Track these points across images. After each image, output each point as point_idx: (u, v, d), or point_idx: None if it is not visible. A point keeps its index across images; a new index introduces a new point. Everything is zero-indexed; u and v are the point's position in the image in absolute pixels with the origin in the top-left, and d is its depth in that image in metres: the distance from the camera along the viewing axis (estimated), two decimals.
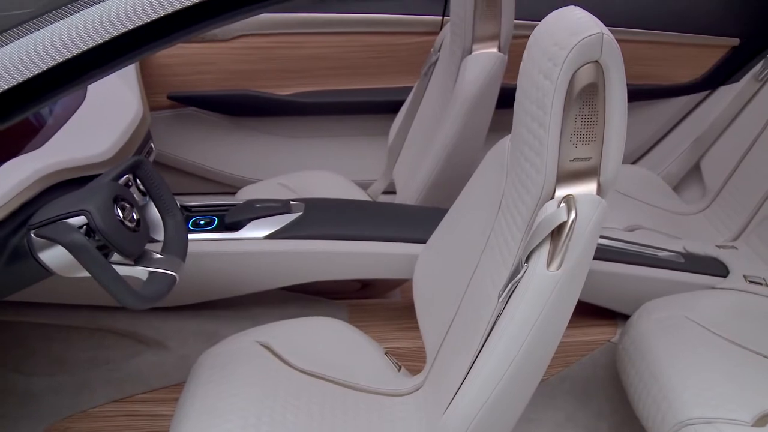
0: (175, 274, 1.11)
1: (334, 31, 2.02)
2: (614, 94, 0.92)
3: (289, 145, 2.19)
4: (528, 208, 1.00)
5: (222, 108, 2.09)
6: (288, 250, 1.41)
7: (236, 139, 2.16)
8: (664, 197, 2.03)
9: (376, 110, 2.13)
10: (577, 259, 0.93)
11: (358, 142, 2.20)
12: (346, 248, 1.42)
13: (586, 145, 0.95)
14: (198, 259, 1.39)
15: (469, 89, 1.56)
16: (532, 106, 0.97)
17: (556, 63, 0.91)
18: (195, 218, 1.47)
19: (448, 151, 1.62)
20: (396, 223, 1.48)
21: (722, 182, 1.93)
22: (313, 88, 2.10)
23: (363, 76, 2.09)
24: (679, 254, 1.57)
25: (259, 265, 1.42)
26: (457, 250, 1.26)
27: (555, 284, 0.93)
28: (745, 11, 2.05)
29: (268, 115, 2.13)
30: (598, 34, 0.90)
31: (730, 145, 1.95)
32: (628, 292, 1.50)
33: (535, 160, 0.98)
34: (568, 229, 0.92)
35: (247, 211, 1.46)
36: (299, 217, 1.45)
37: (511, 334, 0.95)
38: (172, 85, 2.03)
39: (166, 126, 2.09)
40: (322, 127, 2.18)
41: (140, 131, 1.43)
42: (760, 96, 1.91)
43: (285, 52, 2.03)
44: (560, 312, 0.96)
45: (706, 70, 2.11)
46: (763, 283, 1.53)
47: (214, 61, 2.01)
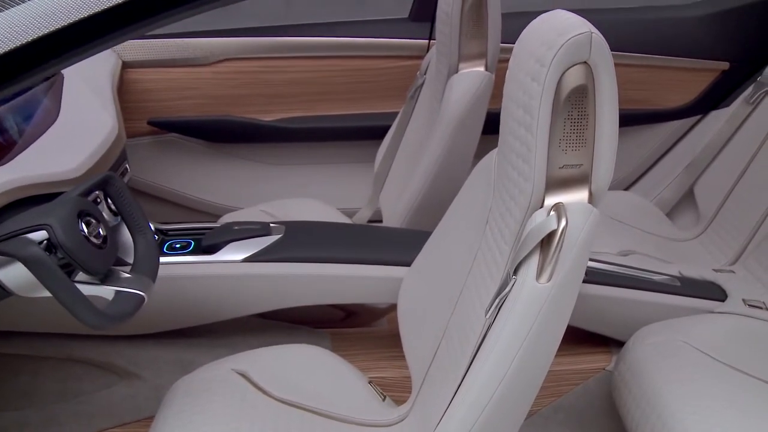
0: (144, 294, 1.05)
1: (319, 55, 1.99)
2: (604, 97, 0.88)
3: (273, 173, 2.14)
4: (516, 220, 0.95)
5: (203, 134, 2.04)
6: (267, 273, 1.35)
7: (218, 166, 2.11)
8: (658, 223, 1.99)
9: (361, 136, 2.09)
10: (568, 271, 0.87)
11: (343, 169, 2.15)
12: (328, 271, 1.36)
13: (576, 150, 0.90)
14: (173, 283, 1.33)
15: (455, 108, 1.52)
16: (518, 110, 0.93)
17: (543, 64, 0.87)
18: (170, 242, 1.41)
19: (435, 172, 1.57)
20: (379, 246, 1.43)
21: (716, 207, 1.89)
22: (297, 113, 2.06)
23: (348, 102, 2.05)
24: (675, 278, 1.52)
25: (237, 289, 1.35)
26: (443, 271, 1.20)
27: (545, 297, 0.87)
28: (734, 35, 2.03)
29: (250, 142, 2.08)
30: (587, 33, 0.85)
31: (724, 170, 1.92)
32: (622, 317, 1.44)
33: (522, 168, 0.93)
34: (559, 238, 0.86)
35: (225, 233, 1.40)
36: (279, 239, 1.40)
37: (500, 352, 0.89)
38: (152, 111, 1.98)
39: (146, 152, 2.04)
40: (306, 154, 2.13)
41: (114, 150, 1.38)
42: (752, 119, 1.88)
43: (268, 76, 1.99)
44: (551, 328, 0.90)
45: (696, 94, 2.09)
46: (763, 306, 1.47)
47: (195, 85, 1.96)
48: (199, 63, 1.94)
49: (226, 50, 1.94)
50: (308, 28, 2.00)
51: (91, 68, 1.67)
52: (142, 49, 1.90)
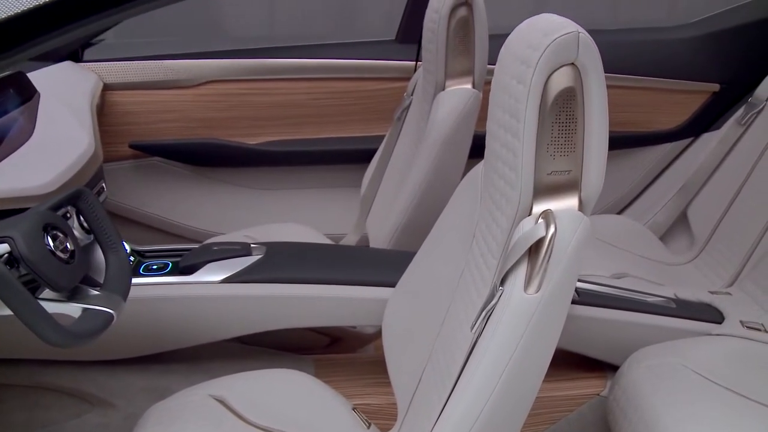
0: (113, 312, 0.99)
1: (305, 77, 1.95)
2: (594, 99, 0.84)
3: (257, 198, 2.09)
4: (503, 231, 0.90)
5: (187, 158, 2.00)
6: (247, 295, 1.30)
7: (201, 191, 2.06)
8: (651, 247, 1.95)
9: (348, 160, 2.05)
10: (558, 281, 0.82)
11: (329, 193, 2.11)
12: (310, 292, 1.31)
13: (565, 156, 0.86)
14: (148, 305, 1.27)
15: (442, 126, 1.49)
16: (504, 115, 0.89)
17: (529, 65, 0.83)
18: (147, 263, 1.36)
19: (421, 191, 1.53)
20: (364, 267, 1.38)
21: (710, 230, 1.85)
22: (283, 137, 2.02)
23: (334, 124, 2.02)
24: (670, 300, 1.47)
25: (216, 311, 1.30)
26: (429, 291, 1.15)
27: (534, 309, 0.82)
28: (724, 57, 2.01)
29: (234, 166, 2.04)
30: (574, 32, 0.82)
31: (717, 192, 1.88)
32: (616, 340, 1.39)
33: (509, 175, 0.88)
34: (547, 245, 0.82)
35: (204, 254, 1.35)
36: (259, 260, 1.35)
37: (486, 367, 0.83)
38: (134, 134, 1.94)
39: (127, 177, 1.99)
40: (291, 179, 2.09)
41: (89, 168, 1.33)
42: (744, 141, 1.85)
43: (253, 98, 1.95)
44: (541, 342, 0.85)
45: (687, 116, 2.06)
46: (762, 329, 1.42)
47: (178, 108, 1.93)
48: (182, 85, 1.90)
49: (210, 72, 1.91)
50: (294, 49, 1.97)
51: (69, 88, 1.63)
52: (123, 71, 1.87)
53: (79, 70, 1.77)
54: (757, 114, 1.82)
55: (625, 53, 2.00)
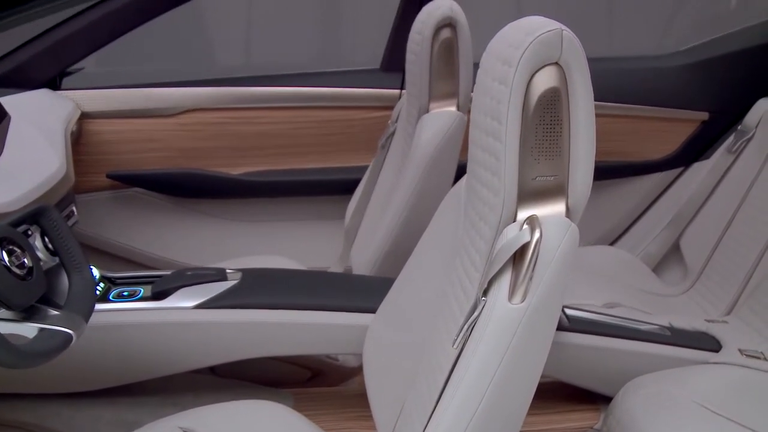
0: (72, 333, 0.93)
1: (288, 105, 1.92)
2: (579, 100, 0.79)
3: (240, 230, 2.03)
4: (486, 241, 0.85)
5: (166, 188, 1.94)
6: (221, 321, 1.23)
7: (182, 223, 2.00)
8: (644, 279, 1.90)
9: (331, 191, 2.00)
10: (545, 290, 0.77)
11: (313, 226, 2.05)
12: (288, 318, 1.24)
13: (550, 160, 0.81)
14: (116, 332, 1.21)
15: (425, 149, 1.44)
16: (486, 119, 0.84)
17: (510, 64, 0.79)
18: (118, 290, 1.30)
19: (405, 216, 1.48)
20: (344, 292, 1.32)
21: (704, 260, 1.80)
22: (265, 167, 1.97)
23: (318, 154, 1.98)
24: (665, 328, 1.41)
25: (188, 339, 1.23)
26: (411, 315, 1.09)
27: (519, 320, 0.76)
28: (712, 85, 2.00)
29: (216, 197, 1.99)
30: (557, 30, 0.78)
31: (709, 221, 1.84)
32: (609, 369, 1.32)
33: (492, 181, 0.84)
34: (533, 251, 0.76)
35: (177, 279, 1.29)
36: (235, 285, 1.28)
37: (468, 385, 0.77)
38: (113, 164, 1.89)
39: (105, 208, 1.94)
40: (274, 210, 2.04)
41: (58, 190, 1.28)
42: (735, 169, 1.82)
43: (234, 128, 1.91)
44: (528, 357, 0.79)
45: (677, 145, 2.03)
46: (761, 357, 1.36)
47: (159, 137, 1.88)
48: (162, 114, 1.86)
49: (191, 100, 1.87)
50: (277, 78, 1.94)
51: (43, 113, 1.59)
52: (102, 99, 1.83)
53: (56, 97, 1.73)
54: (747, 142, 1.80)
55: (612, 82, 1.98)
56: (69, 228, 1.05)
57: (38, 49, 1.71)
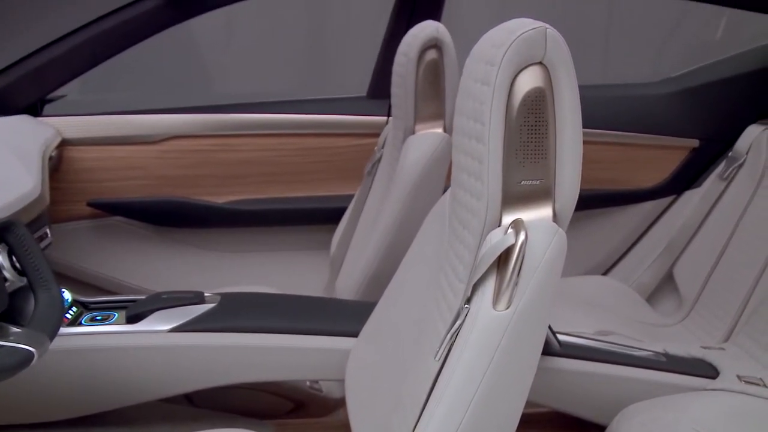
0: (33, 350, 0.88)
1: (272, 132, 1.89)
2: (565, 101, 0.76)
3: (223, 260, 1.99)
4: (470, 249, 0.81)
5: (148, 217, 1.90)
6: (197, 344, 1.18)
7: (164, 253, 1.95)
8: (638, 309, 1.85)
9: (317, 220, 1.96)
10: (531, 296, 0.72)
11: (298, 256, 2.01)
12: (267, 342, 1.19)
13: (535, 163, 0.77)
14: (85, 357, 1.15)
15: (411, 170, 1.41)
16: (469, 122, 0.81)
17: (493, 63, 0.76)
18: (91, 315, 1.24)
19: (390, 240, 1.44)
20: (325, 316, 1.27)
21: (699, 289, 1.76)
22: (249, 195, 1.93)
23: (303, 183, 1.94)
24: (660, 354, 1.36)
25: (163, 364, 1.17)
26: (394, 335, 1.04)
27: (505, 327, 0.72)
28: (702, 112, 1.98)
29: (199, 226, 1.94)
30: (541, 28, 0.76)
31: (703, 249, 1.80)
32: (603, 396, 1.27)
33: (475, 186, 0.80)
34: (517, 255, 0.72)
35: (153, 302, 1.24)
36: (213, 308, 1.23)
37: (452, 397, 0.72)
38: (93, 192, 1.84)
39: (86, 237, 1.89)
40: (258, 240, 1.99)
41: (31, 210, 1.24)
42: (727, 196, 1.79)
43: (218, 155, 1.88)
44: (514, 368, 0.74)
45: (668, 173, 2.01)
46: (761, 383, 1.31)
47: (140, 165, 1.84)
48: (144, 141, 1.82)
49: (174, 127, 1.83)
50: (261, 105, 1.91)
51: (20, 136, 1.55)
52: (83, 126, 1.79)
53: (36, 123, 1.70)
54: (738, 168, 1.77)
55: (603, 109, 1.97)
56: (37, 245, 1.01)
57: (18, 74, 1.68)
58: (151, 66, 2.38)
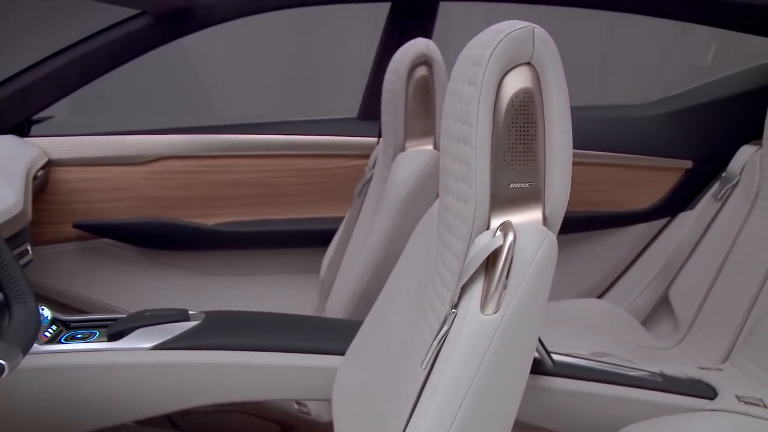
0: (5, 363, 0.84)
1: (263, 153, 1.87)
2: (554, 102, 0.75)
3: (211, 284, 1.95)
4: (458, 257, 0.78)
5: (136, 239, 1.87)
6: (180, 362, 1.14)
7: (152, 277, 1.92)
8: (634, 333, 1.82)
9: (308, 243, 1.93)
10: (521, 300, 0.70)
11: (288, 279, 1.97)
12: (252, 360, 1.16)
13: (524, 165, 0.75)
14: (63, 376, 1.11)
15: (401, 187, 1.39)
16: (456, 124, 0.79)
17: (480, 63, 0.75)
18: (71, 333, 1.21)
19: (378, 258, 1.41)
20: (313, 334, 1.23)
21: (695, 311, 1.73)
22: (239, 217, 1.91)
23: (294, 204, 1.92)
24: (656, 374, 1.33)
25: (144, 382, 1.13)
26: (382, 351, 1.01)
27: (493, 332, 0.69)
28: (695, 134, 1.97)
29: (188, 249, 1.91)
30: (528, 27, 0.74)
31: (698, 271, 1.78)
32: (598, 417, 1.23)
33: (462, 190, 0.78)
34: (506, 256, 0.70)
35: (135, 320, 1.21)
36: (197, 326, 1.20)
37: (438, 406, 0.69)
38: (80, 213, 1.82)
39: (72, 260, 1.86)
40: (248, 263, 1.96)
41: (12, 225, 1.21)
42: (722, 216, 1.77)
43: (208, 176, 1.86)
44: (504, 375, 0.71)
45: (662, 195, 1.99)
46: (761, 404, 1.28)
47: (129, 186, 1.82)
48: (133, 161, 1.80)
49: (163, 148, 1.81)
50: (252, 126, 1.90)
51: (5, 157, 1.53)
52: (70, 147, 1.77)
53: (21, 142, 1.68)
54: (732, 188, 1.76)
55: (597, 130, 1.96)
56: (14, 256, 0.98)
57: (4, 94, 1.67)
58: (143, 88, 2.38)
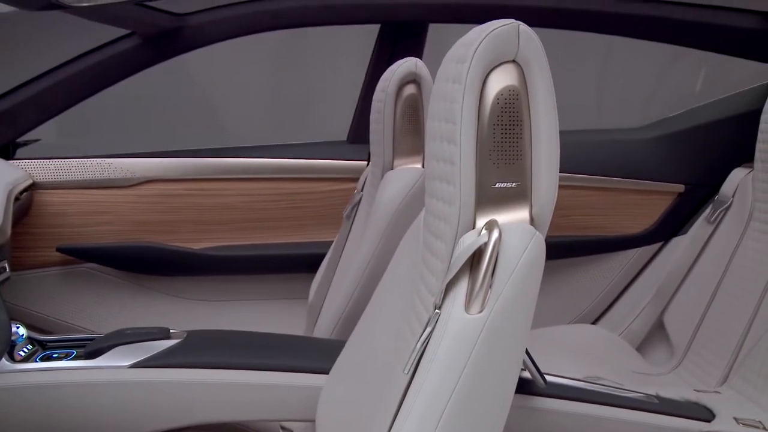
0: None
1: (251, 177, 1.85)
2: (540, 99, 0.73)
3: (198, 310, 1.91)
4: (443, 260, 0.76)
5: (122, 264, 1.83)
6: (160, 380, 1.10)
7: (138, 302, 1.88)
8: (629, 359, 1.78)
9: (296, 268, 1.90)
10: (507, 300, 0.67)
11: (276, 305, 1.94)
12: (234, 378, 1.12)
13: (511, 164, 0.73)
14: (36, 395, 1.07)
15: (389, 205, 1.36)
16: (441, 124, 0.77)
17: (464, 60, 0.73)
18: (47, 353, 1.17)
19: (366, 276, 1.38)
20: (296, 353, 1.20)
21: (690, 335, 1.70)
22: (227, 242, 1.88)
23: (283, 229, 1.89)
24: (651, 396, 1.29)
25: (122, 401, 1.10)
26: (368, 367, 0.97)
27: (478, 332, 0.66)
28: (687, 157, 1.96)
29: (175, 274, 1.88)
30: (513, 24, 0.73)
31: (693, 295, 1.75)
32: None
33: (447, 191, 0.75)
34: (491, 253, 0.67)
35: (114, 338, 1.17)
36: (178, 343, 1.16)
37: (421, 410, 0.66)
38: (65, 237, 1.78)
39: (55, 286, 1.82)
40: (235, 289, 1.92)
41: None
42: (715, 239, 1.75)
43: (196, 200, 1.83)
44: (491, 376, 0.68)
45: (655, 219, 1.97)
46: (760, 426, 1.24)
47: (115, 209, 1.79)
48: (119, 184, 1.77)
49: (150, 171, 1.79)
50: (241, 149, 1.88)
51: None
52: (56, 169, 1.75)
53: (5, 164, 1.65)
54: (725, 211, 1.74)
55: (588, 154, 1.94)
56: None
57: None
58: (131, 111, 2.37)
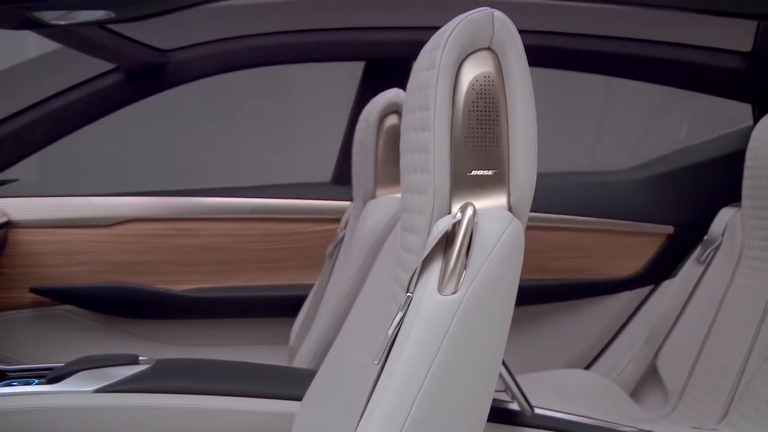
0: None
1: (233, 217, 1.81)
2: (516, 88, 0.71)
3: (176, 354, 1.84)
4: (418, 253, 0.72)
5: (98, 306, 1.77)
6: (126, 406, 1.04)
7: (113, 346, 1.81)
8: (622, 404, 1.71)
9: (277, 311, 1.84)
10: (483, 282, 0.63)
11: (256, 350, 1.87)
12: (204, 404, 1.06)
13: (486, 151, 0.71)
14: None
15: (370, 234, 1.33)
16: (414, 113, 0.75)
17: (437, 47, 0.71)
18: (7, 382, 1.11)
19: (345, 307, 1.33)
20: (268, 379, 1.15)
21: (684, 379, 1.64)
22: (208, 284, 1.83)
23: (263, 271, 1.84)
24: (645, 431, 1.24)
25: (86, 427, 1.03)
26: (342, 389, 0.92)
27: (453, 314, 0.62)
28: (675, 198, 1.94)
29: (153, 317, 1.82)
30: (487, 10, 0.71)
31: (686, 337, 1.70)
32: None
33: (421, 181, 0.72)
34: (464, 232, 0.64)
35: (78, 363, 1.11)
36: (146, 370, 1.11)
37: (392, 396, 0.61)
38: (38, 278, 1.73)
39: (28, 328, 1.75)
40: (216, 333, 1.86)
41: None
42: (706, 279, 1.72)
43: (176, 240, 1.79)
44: (467, 360, 0.63)
45: (645, 261, 1.94)
46: None
47: (92, 249, 1.74)
48: (96, 224, 1.73)
49: (129, 210, 1.76)
50: (222, 189, 1.85)
51: None
52: (33, 208, 1.71)
53: None
54: (715, 250, 1.71)
55: (576, 196, 1.92)
56: None
57: None
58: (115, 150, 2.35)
